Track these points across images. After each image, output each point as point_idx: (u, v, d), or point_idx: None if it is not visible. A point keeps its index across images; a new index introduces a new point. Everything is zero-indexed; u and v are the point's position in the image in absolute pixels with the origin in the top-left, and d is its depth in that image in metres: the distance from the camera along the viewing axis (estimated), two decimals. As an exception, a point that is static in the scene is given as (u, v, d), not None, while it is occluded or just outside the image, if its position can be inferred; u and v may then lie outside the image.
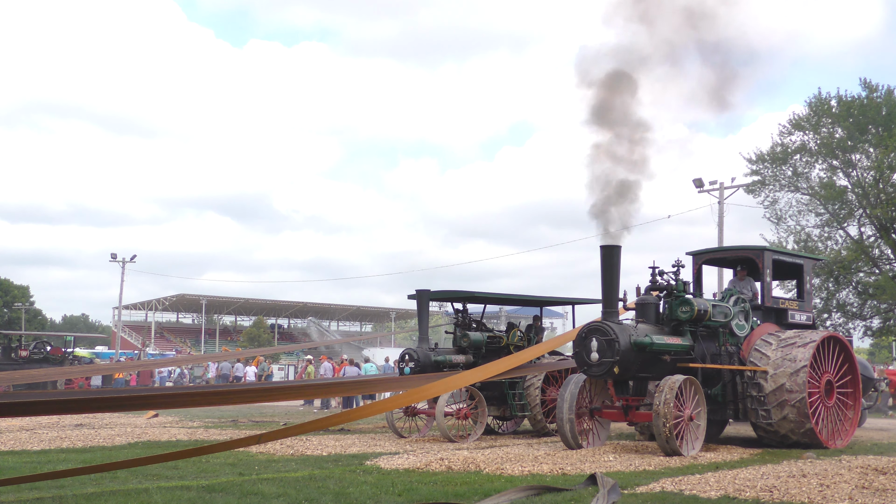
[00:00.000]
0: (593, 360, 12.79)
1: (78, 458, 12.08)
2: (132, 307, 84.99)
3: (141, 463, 9.80)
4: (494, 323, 47.47)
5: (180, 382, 39.66)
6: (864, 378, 16.21)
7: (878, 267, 37.63)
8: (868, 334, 40.16)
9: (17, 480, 8.86)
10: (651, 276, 14.00)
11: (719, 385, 13.99)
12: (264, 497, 8.35)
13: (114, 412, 22.04)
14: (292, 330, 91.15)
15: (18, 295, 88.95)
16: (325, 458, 12.18)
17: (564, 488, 8.78)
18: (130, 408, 15.92)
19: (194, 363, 40.97)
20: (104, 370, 30.39)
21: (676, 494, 8.49)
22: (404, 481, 9.41)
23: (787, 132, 38.23)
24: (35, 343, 38.80)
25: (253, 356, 38.49)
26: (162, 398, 12.57)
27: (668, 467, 10.88)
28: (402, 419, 17.39)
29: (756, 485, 8.86)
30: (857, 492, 8.43)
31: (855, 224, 38.43)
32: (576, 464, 11.02)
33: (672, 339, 13.41)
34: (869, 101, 36.38)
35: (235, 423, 20.20)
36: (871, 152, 36.71)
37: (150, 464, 9.74)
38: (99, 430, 16.78)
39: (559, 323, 70.21)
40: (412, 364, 16.96)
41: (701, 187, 37.69)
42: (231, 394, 13.53)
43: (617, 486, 8.64)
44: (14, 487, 8.72)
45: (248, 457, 12.21)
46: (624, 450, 12.90)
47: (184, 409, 23.44)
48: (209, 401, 12.57)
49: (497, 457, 11.74)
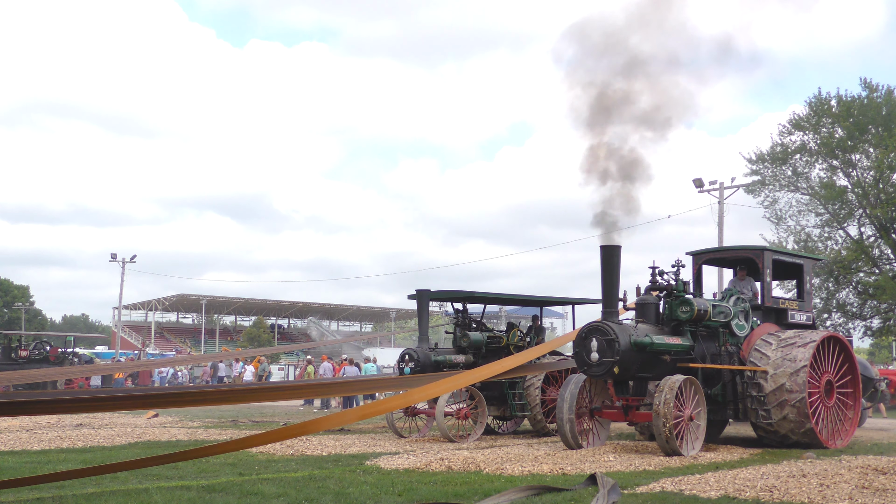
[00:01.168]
0: (593, 360, 12.79)
1: (78, 458, 12.08)
2: (132, 307, 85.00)
3: (142, 465, 9.79)
4: (494, 323, 47.47)
5: (172, 383, 39.63)
6: (864, 378, 16.22)
7: (878, 267, 37.63)
8: (868, 334, 40.15)
9: (18, 483, 8.86)
10: (651, 276, 14.00)
11: (719, 385, 13.99)
12: (264, 497, 8.35)
13: (114, 412, 22.05)
14: (292, 330, 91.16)
15: (18, 295, 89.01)
16: (325, 458, 12.18)
17: (564, 488, 8.78)
18: (130, 407, 15.94)
19: (194, 363, 40.96)
20: (104, 370, 30.42)
21: (676, 494, 8.49)
22: (404, 481, 9.41)
23: (787, 132, 38.23)
24: (35, 343, 38.79)
25: (253, 356, 38.49)
26: (162, 398, 12.58)
27: (668, 467, 10.88)
28: (402, 419, 17.39)
29: (756, 485, 8.86)
30: (857, 492, 8.43)
31: (855, 224, 38.43)
32: (576, 464, 11.02)
33: (672, 339, 13.41)
34: (869, 100, 36.38)
35: (235, 423, 20.20)
36: (871, 152, 36.71)
37: (150, 465, 9.74)
38: (99, 430, 16.78)
39: (559, 323, 70.23)
40: (412, 364, 16.96)
41: (701, 187, 37.69)
42: (231, 394, 13.55)
43: (617, 486, 8.64)
44: (14, 487, 8.72)
45: (248, 457, 12.21)
46: (624, 450, 12.90)
47: (184, 409, 23.44)
48: (209, 400, 12.58)
49: (497, 457, 11.74)
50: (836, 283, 37.69)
